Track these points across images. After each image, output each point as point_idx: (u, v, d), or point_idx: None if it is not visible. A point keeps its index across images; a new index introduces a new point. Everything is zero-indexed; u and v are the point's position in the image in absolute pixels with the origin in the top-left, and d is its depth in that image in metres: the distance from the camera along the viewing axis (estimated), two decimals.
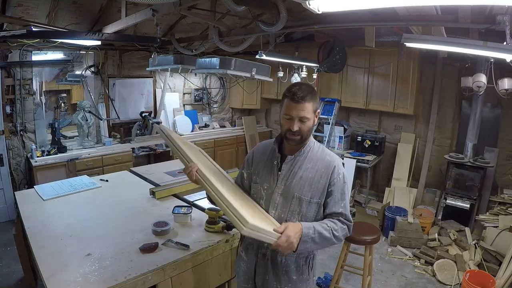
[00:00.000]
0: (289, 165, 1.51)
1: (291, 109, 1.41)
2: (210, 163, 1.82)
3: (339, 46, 4.36)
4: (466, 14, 2.10)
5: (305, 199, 1.47)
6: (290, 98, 1.41)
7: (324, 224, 1.43)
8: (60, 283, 1.55)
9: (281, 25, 2.45)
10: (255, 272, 1.58)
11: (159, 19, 3.00)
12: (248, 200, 1.58)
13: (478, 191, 3.91)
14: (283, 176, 1.51)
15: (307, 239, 1.38)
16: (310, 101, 1.41)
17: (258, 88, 6.00)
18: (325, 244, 1.46)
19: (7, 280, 2.97)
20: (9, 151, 4.14)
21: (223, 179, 1.63)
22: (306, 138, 1.49)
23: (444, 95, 4.49)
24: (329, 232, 1.41)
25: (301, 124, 1.42)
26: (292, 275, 1.53)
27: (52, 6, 3.47)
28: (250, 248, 1.61)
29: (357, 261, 3.09)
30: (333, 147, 5.08)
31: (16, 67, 4.09)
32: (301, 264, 1.54)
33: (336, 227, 1.44)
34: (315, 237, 1.39)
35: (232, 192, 1.52)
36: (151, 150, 5.03)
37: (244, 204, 1.46)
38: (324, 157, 1.51)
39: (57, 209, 2.37)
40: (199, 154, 1.87)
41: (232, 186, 1.64)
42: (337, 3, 1.58)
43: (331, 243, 1.46)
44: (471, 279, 2.79)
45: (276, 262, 1.53)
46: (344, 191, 1.49)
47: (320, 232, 1.40)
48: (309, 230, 1.39)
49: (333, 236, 1.42)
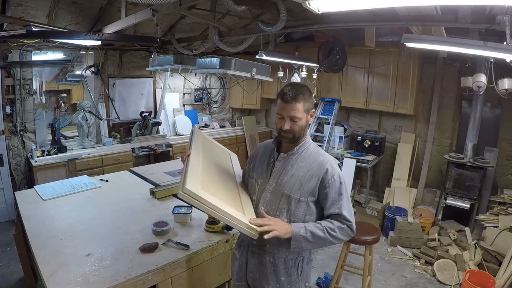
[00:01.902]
0: (282, 163, 1.54)
1: (282, 109, 1.45)
2: (220, 160, 1.89)
3: (339, 46, 4.36)
4: (466, 14, 2.10)
5: (294, 197, 1.48)
6: (281, 98, 1.45)
7: (318, 224, 1.45)
8: (60, 283, 1.55)
9: (281, 25, 2.45)
10: (247, 269, 1.60)
11: (159, 19, 3.00)
12: (240, 195, 1.58)
13: (478, 191, 3.91)
14: (276, 173, 1.53)
15: (299, 238, 1.41)
16: (301, 101, 1.43)
17: (258, 88, 6.00)
18: (322, 244, 1.47)
19: (7, 280, 2.97)
20: (9, 151, 4.14)
21: (218, 172, 1.70)
22: (299, 137, 1.51)
23: (444, 95, 4.49)
24: (323, 231, 1.42)
25: (292, 123, 1.45)
26: (280, 276, 1.53)
27: (52, 6, 3.47)
28: (242, 246, 1.64)
29: (357, 261, 3.09)
30: (333, 147, 5.08)
31: (16, 67, 4.09)
32: (290, 265, 1.53)
33: (332, 227, 1.44)
34: (308, 236, 1.41)
35: (220, 181, 1.59)
36: (151, 150, 5.03)
37: (229, 195, 1.50)
38: (317, 158, 1.51)
39: (57, 209, 2.37)
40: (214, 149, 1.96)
41: (228, 181, 1.67)
42: (337, 3, 1.58)
43: (329, 243, 1.46)
44: (471, 279, 2.79)
45: (264, 261, 1.54)
46: (341, 191, 1.47)
47: (313, 231, 1.41)
48: (300, 229, 1.42)
49: (330, 235, 1.42)
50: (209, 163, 1.73)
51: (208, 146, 1.97)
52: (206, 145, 1.92)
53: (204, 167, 1.59)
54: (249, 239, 1.55)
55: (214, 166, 1.76)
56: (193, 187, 1.32)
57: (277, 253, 1.52)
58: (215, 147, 2.09)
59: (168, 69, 3.79)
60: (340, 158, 4.83)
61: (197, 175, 1.46)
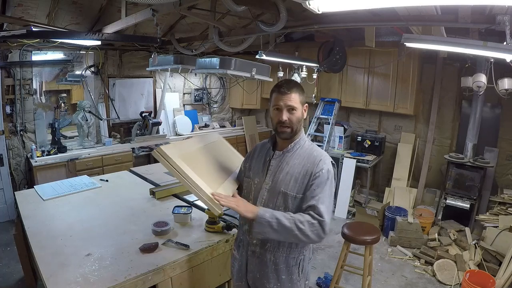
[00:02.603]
0: (277, 160, 1.54)
1: (278, 100, 1.48)
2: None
3: (339, 46, 4.36)
4: (466, 14, 2.10)
5: (291, 194, 1.47)
6: (277, 91, 1.50)
7: (287, 214, 1.40)
8: (60, 283, 1.55)
9: (281, 25, 2.45)
10: (247, 269, 1.60)
11: (159, 19, 3.00)
12: (225, 183, 1.62)
13: (478, 191, 3.91)
14: (271, 171, 1.53)
15: (263, 221, 1.37)
16: (297, 92, 1.49)
17: (258, 88, 5.99)
18: (287, 235, 1.38)
19: (7, 280, 2.97)
20: (9, 151, 4.14)
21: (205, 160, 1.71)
22: (296, 131, 1.51)
23: (444, 95, 4.49)
24: (290, 222, 1.35)
25: (289, 114, 1.47)
26: (281, 275, 1.53)
27: (52, 6, 3.47)
28: (241, 246, 1.64)
29: (357, 261, 3.09)
30: (333, 147, 5.08)
31: (16, 67, 4.09)
32: (291, 264, 1.53)
33: (302, 219, 1.36)
34: (273, 223, 1.36)
35: (209, 168, 1.64)
36: (151, 150, 5.02)
37: (210, 177, 1.54)
38: (311, 154, 1.51)
39: (57, 209, 2.37)
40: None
41: (220, 172, 1.70)
42: (337, 3, 1.58)
43: (294, 236, 1.36)
44: (471, 279, 2.79)
45: (265, 259, 1.53)
46: (324, 186, 1.42)
47: (279, 219, 1.36)
48: (266, 213, 1.39)
49: (296, 227, 1.34)
50: (209, 154, 1.76)
51: (222, 147, 2.01)
52: (219, 145, 1.97)
53: (200, 151, 1.66)
54: (248, 239, 1.56)
55: (213, 157, 1.78)
56: (169, 151, 1.40)
57: (277, 252, 1.52)
58: (230, 151, 2.10)
59: (168, 69, 3.79)
60: (340, 158, 4.83)
61: (183, 149, 1.52)
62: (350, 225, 2.76)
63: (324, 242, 3.90)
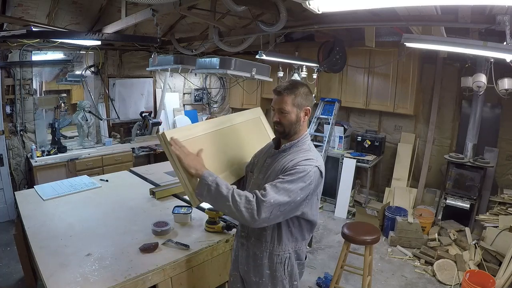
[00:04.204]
0: (272, 159, 1.56)
1: (273, 101, 1.52)
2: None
3: (339, 46, 4.36)
4: (466, 14, 2.10)
5: None
6: (274, 91, 1.52)
7: (230, 185, 1.37)
8: (60, 283, 1.55)
9: (281, 25, 2.45)
10: (239, 261, 1.64)
11: (159, 19, 3.00)
12: (229, 167, 1.66)
13: (478, 191, 3.91)
14: (265, 169, 1.55)
15: (204, 182, 1.35)
16: (290, 94, 1.46)
17: (258, 88, 5.98)
18: (220, 203, 1.33)
19: (7, 280, 2.97)
20: (9, 151, 4.14)
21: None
22: (289, 133, 1.50)
23: (444, 95, 4.49)
24: (227, 191, 1.32)
25: (280, 116, 1.48)
26: (265, 269, 1.53)
27: (52, 6, 3.47)
28: (236, 237, 1.69)
29: (357, 261, 3.09)
30: (333, 147, 5.08)
31: (16, 67, 4.08)
32: (276, 261, 1.51)
33: (241, 193, 1.32)
34: (212, 186, 1.33)
35: (215, 155, 1.62)
36: (151, 150, 5.03)
37: (212, 165, 1.52)
38: (299, 155, 1.45)
39: (57, 209, 2.37)
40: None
41: (227, 161, 1.70)
42: (337, 3, 1.58)
43: (227, 207, 1.31)
44: (471, 279, 2.79)
45: (251, 253, 1.56)
46: (290, 179, 1.34)
47: (218, 185, 1.33)
48: (210, 176, 1.36)
49: (232, 197, 1.30)
50: (219, 141, 1.71)
51: (243, 131, 1.91)
52: (242, 128, 1.91)
53: (209, 137, 1.64)
54: (238, 228, 1.62)
55: (222, 144, 1.72)
56: (170, 135, 1.41)
57: (260, 247, 1.52)
58: (254, 135, 1.98)
59: (168, 69, 3.79)
60: (340, 158, 4.83)
61: (190, 135, 1.52)
62: (350, 225, 2.76)
63: (324, 242, 3.90)
